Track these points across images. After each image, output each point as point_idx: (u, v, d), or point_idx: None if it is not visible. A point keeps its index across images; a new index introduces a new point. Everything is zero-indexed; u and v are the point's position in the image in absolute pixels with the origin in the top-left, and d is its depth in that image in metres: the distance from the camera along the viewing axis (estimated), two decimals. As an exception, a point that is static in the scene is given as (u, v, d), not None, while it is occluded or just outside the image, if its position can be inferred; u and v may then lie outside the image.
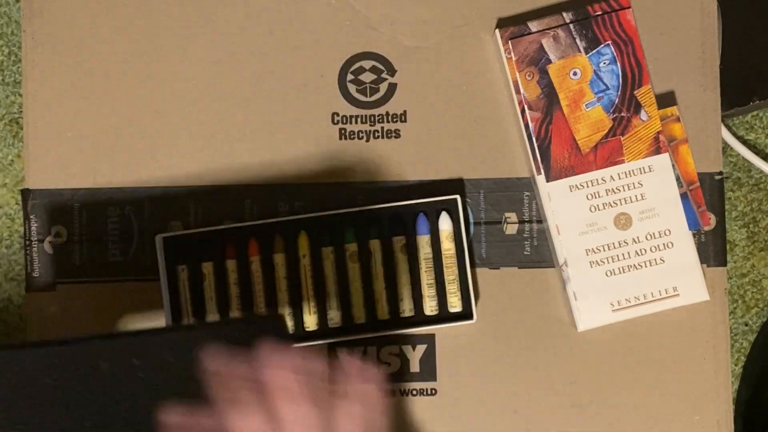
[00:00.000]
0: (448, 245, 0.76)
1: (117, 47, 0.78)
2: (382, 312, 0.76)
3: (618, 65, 0.77)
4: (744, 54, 0.83)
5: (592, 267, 0.76)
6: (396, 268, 0.76)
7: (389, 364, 0.78)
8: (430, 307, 0.76)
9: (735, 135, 0.87)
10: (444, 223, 0.76)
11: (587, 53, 0.77)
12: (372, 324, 0.76)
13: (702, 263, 0.78)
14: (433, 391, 0.78)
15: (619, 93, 0.77)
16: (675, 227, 0.77)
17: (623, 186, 0.77)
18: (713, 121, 0.79)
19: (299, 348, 0.65)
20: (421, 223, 0.76)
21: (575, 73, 0.77)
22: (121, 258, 0.78)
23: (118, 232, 0.78)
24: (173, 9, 0.78)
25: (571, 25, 0.77)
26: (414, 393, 0.78)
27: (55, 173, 0.78)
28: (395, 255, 0.76)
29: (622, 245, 0.76)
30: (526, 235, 0.78)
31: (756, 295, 0.87)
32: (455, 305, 0.76)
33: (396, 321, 0.76)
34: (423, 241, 0.76)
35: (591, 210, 0.76)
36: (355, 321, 0.76)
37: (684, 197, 0.77)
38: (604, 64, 0.77)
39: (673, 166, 0.77)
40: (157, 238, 0.75)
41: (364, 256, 0.76)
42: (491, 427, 0.77)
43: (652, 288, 0.76)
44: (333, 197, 0.78)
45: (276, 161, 0.78)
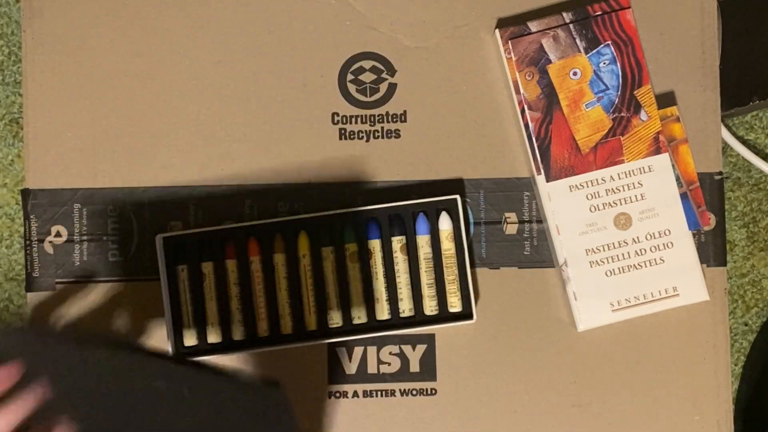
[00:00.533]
0: (448, 245, 0.76)
1: (117, 47, 0.78)
2: (382, 312, 0.76)
3: (618, 65, 0.77)
4: (744, 54, 0.83)
5: (592, 267, 0.76)
6: (396, 268, 0.76)
7: (389, 364, 0.78)
8: (430, 307, 0.76)
9: (735, 135, 0.87)
10: (444, 223, 0.76)
11: (587, 53, 0.77)
12: (372, 324, 0.76)
13: (702, 263, 0.78)
14: (433, 391, 0.78)
15: (619, 93, 0.77)
16: (675, 227, 0.77)
17: (623, 186, 0.77)
18: (713, 121, 0.79)
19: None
20: (421, 223, 0.76)
21: (575, 73, 0.77)
22: (121, 258, 0.77)
23: (118, 232, 0.78)
24: (173, 9, 0.78)
25: (571, 25, 0.77)
26: (414, 393, 0.78)
27: (55, 173, 0.78)
28: (395, 255, 0.76)
29: (622, 245, 0.76)
30: (526, 235, 0.78)
31: (756, 295, 0.87)
32: (455, 305, 0.76)
33: (396, 321, 0.76)
34: (423, 241, 0.76)
35: (591, 210, 0.76)
36: (355, 321, 0.76)
37: (684, 197, 0.77)
38: (604, 64, 0.77)
39: (673, 166, 0.77)
40: (157, 238, 0.75)
41: (364, 256, 0.76)
42: (491, 427, 0.77)
43: (652, 288, 0.76)
44: (333, 197, 0.78)
45: (276, 161, 0.78)
